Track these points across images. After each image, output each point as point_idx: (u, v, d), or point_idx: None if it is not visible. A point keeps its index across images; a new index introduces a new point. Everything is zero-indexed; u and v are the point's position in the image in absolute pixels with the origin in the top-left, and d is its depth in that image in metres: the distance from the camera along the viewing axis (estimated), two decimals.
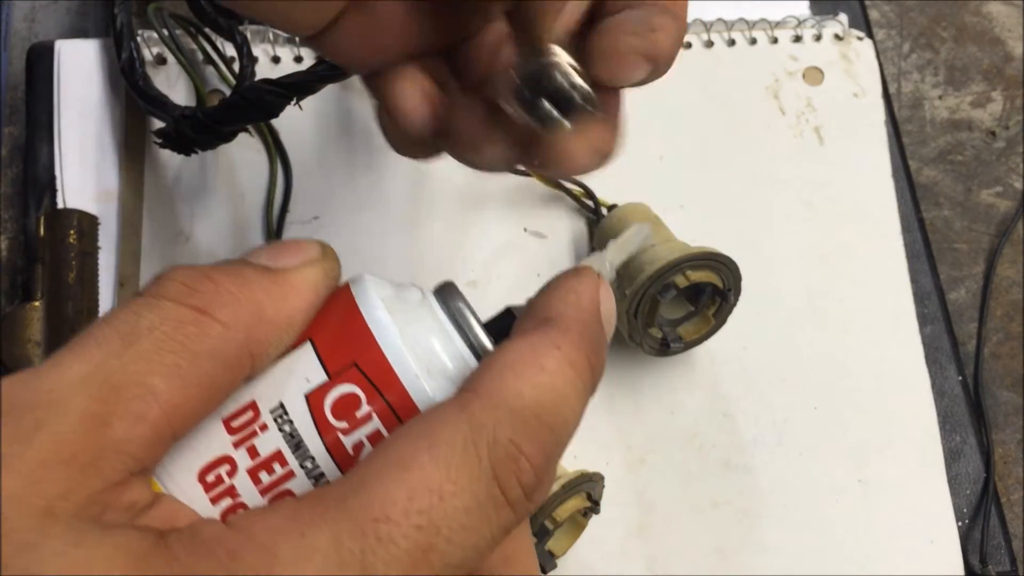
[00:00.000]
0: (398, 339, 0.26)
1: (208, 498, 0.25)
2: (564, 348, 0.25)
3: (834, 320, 0.50)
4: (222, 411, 0.26)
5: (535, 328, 0.26)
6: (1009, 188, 0.56)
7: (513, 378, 0.24)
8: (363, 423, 0.25)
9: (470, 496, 0.23)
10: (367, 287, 0.27)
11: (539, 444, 0.24)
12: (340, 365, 0.26)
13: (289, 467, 0.25)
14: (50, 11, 0.55)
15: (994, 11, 0.60)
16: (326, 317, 0.27)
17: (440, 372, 0.26)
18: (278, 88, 0.43)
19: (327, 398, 0.25)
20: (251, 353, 0.25)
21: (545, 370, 0.25)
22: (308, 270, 0.27)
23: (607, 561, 0.46)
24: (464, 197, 0.51)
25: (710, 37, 0.55)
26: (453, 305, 0.28)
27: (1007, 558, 0.48)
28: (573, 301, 0.27)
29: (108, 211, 0.49)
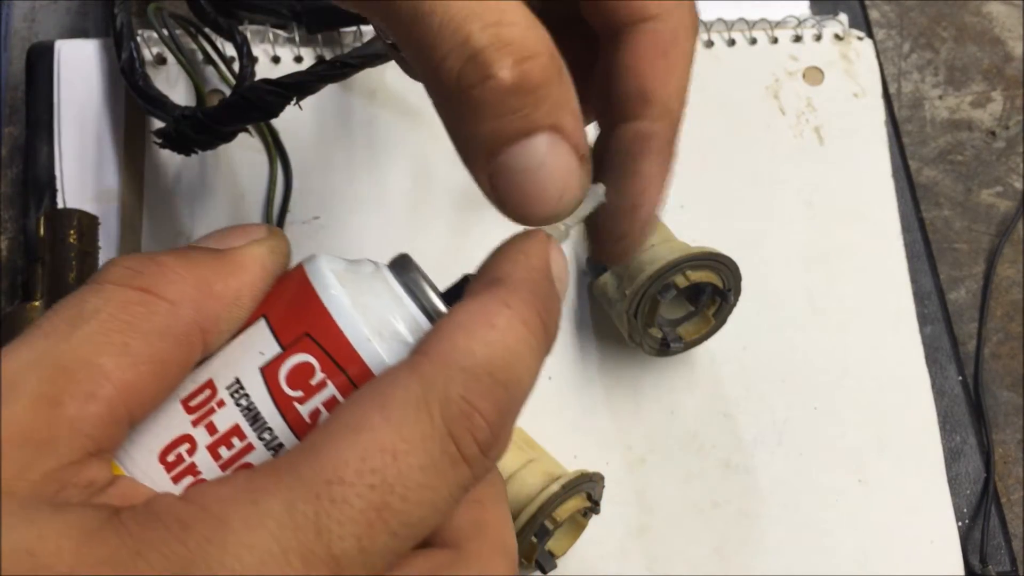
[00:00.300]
0: (349, 306, 0.26)
1: (170, 477, 0.26)
2: (514, 306, 0.25)
3: (834, 320, 0.50)
4: (180, 392, 0.26)
5: (484, 288, 0.26)
6: (1009, 188, 0.56)
7: (464, 337, 0.24)
8: (318, 390, 0.26)
9: (424, 454, 0.23)
10: (319, 262, 0.27)
11: (493, 400, 0.24)
12: (293, 336, 0.26)
13: (248, 440, 0.26)
14: (50, 11, 0.55)
15: (994, 11, 0.60)
16: (279, 294, 0.27)
17: (393, 336, 0.26)
18: (278, 88, 0.43)
19: (282, 369, 0.26)
20: (202, 329, 0.26)
21: (495, 327, 0.25)
22: (254, 247, 0.27)
23: (607, 561, 0.46)
24: (464, 197, 0.51)
25: (710, 37, 0.55)
26: (407, 275, 0.28)
27: (1007, 558, 0.48)
28: (522, 261, 0.27)
29: (108, 211, 0.49)
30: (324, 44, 0.52)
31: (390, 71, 0.52)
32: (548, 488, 0.41)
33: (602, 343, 0.49)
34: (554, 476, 0.42)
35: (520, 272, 0.27)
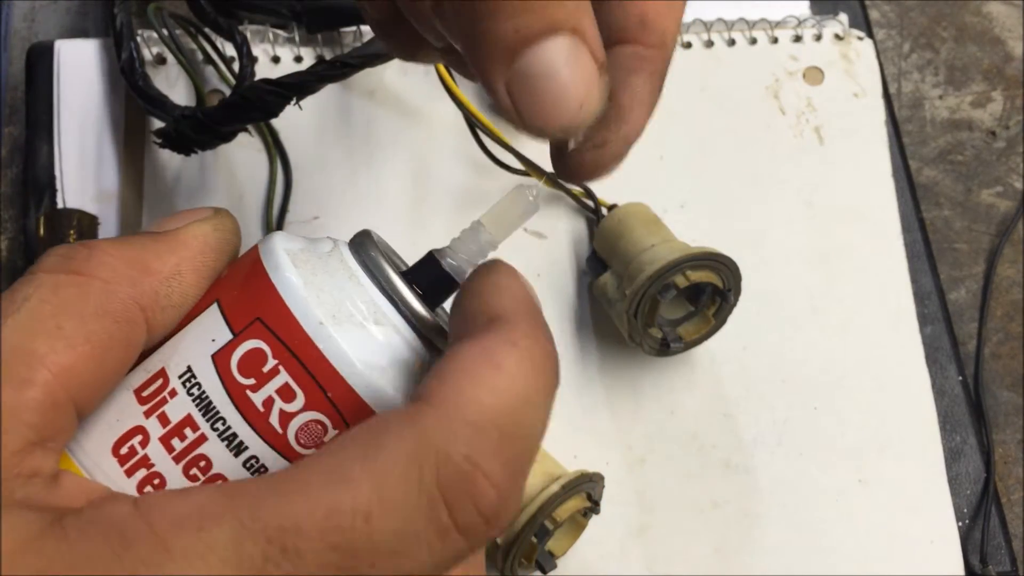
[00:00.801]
0: (300, 288, 0.25)
1: (123, 471, 0.25)
2: (521, 343, 0.24)
3: (834, 320, 0.50)
4: (133, 382, 0.26)
5: (485, 327, 0.24)
6: (1009, 188, 0.56)
7: (469, 384, 0.22)
8: (271, 377, 0.25)
9: (403, 520, 0.21)
10: (273, 242, 0.26)
11: (502, 460, 0.22)
12: (244, 322, 0.25)
13: (201, 431, 0.25)
14: (50, 11, 0.55)
15: (994, 11, 0.60)
16: (232, 278, 0.26)
17: (347, 318, 0.25)
18: (278, 88, 0.43)
19: (233, 356, 0.25)
20: (141, 306, 0.25)
21: (503, 370, 0.23)
22: (195, 226, 0.26)
23: (607, 561, 0.46)
24: (464, 197, 0.51)
25: (710, 37, 0.55)
26: (365, 253, 0.26)
27: (1007, 558, 0.48)
28: (509, 295, 0.25)
29: (108, 211, 0.49)
30: (324, 44, 0.52)
31: (390, 71, 0.52)
32: (548, 488, 0.41)
33: (602, 343, 0.49)
34: (554, 476, 0.42)
35: (516, 305, 0.25)
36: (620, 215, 0.48)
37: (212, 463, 0.25)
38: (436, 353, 0.27)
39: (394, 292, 0.26)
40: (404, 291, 0.26)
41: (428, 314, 0.26)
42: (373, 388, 0.25)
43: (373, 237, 0.27)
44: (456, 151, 0.51)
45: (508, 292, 0.26)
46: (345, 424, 0.25)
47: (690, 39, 0.55)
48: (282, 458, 0.25)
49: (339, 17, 0.51)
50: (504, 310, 0.25)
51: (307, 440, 0.25)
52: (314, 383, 0.24)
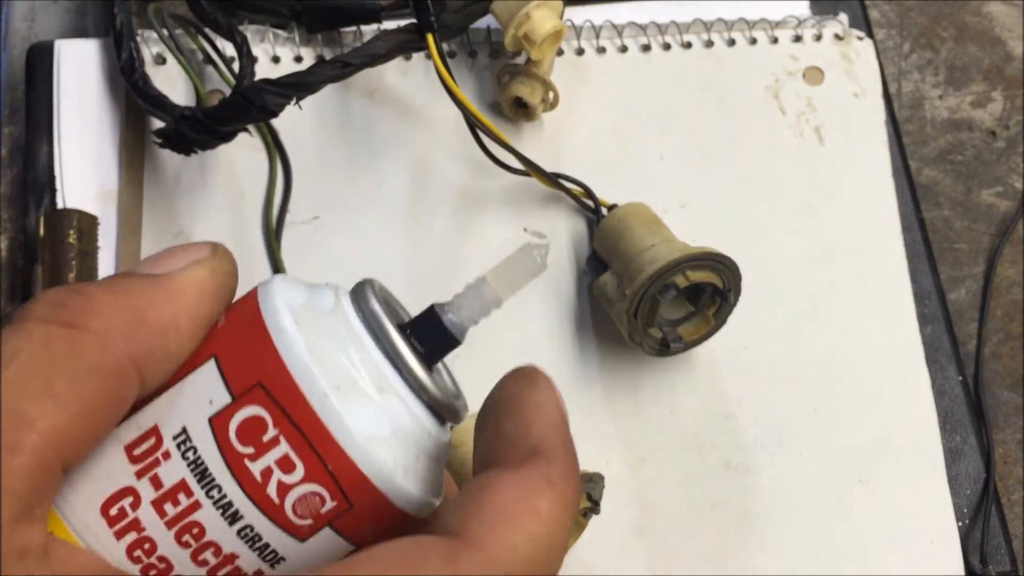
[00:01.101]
0: (304, 354, 0.24)
1: (112, 532, 0.24)
2: (557, 483, 0.23)
3: (834, 320, 0.50)
4: (123, 437, 0.24)
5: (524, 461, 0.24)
6: (1009, 188, 0.56)
7: (507, 527, 0.22)
8: (270, 448, 0.24)
9: None
10: (273, 294, 0.25)
11: None
12: (244, 385, 0.24)
13: (195, 497, 0.24)
14: (50, 11, 0.55)
15: (994, 11, 0.60)
16: (230, 330, 0.25)
17: (351, 387, 0.24)
18: (278, 88, 0.43)
19: (232, 422, 0.24)
20: (135, 361, 0.24)
21: (540, 516, 0.23)
22: (192, 269, 0.25)
23: (607, 561, 0.46)
24: (464, 197, 0.51)
25: (710, 37, 0.55)
26: (368, 309, 0.26)
27: (1007, 558, 0.48)
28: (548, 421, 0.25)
29: (108, 211, 0.49)
30: (324, 44, 0.52)
31: (390, 71, 0.52)
32: None
33: (602, 343, 0.49)
34: None
35: (555, 436, 0.25)
36: (620, 215, 0.48)
37: (205, 531, 0.24)
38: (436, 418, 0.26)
39: (398, 358, 0.25)
40: (408, 357, 0.26)
41: (431, 382, 0.26)
42: (373, 461, 0.24)
43: (375, 289, 0.26)
44: (456, 151, 0.51)
45: (547, 417, 0.25)
46: (342, 494, 0.24)
47: (690, 39, 0.55)
48: (278, 528, 0.24)
49: (339, 17, 0.51)
50: (543, 441, 0.24)
51: (303, 511, 0.24)
52: (315, 456, 0.24)
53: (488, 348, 0.49)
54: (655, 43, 0.54)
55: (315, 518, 0.24)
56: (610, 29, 0.54)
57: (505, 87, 0.51)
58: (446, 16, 0.48)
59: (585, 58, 0.54)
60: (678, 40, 0.55)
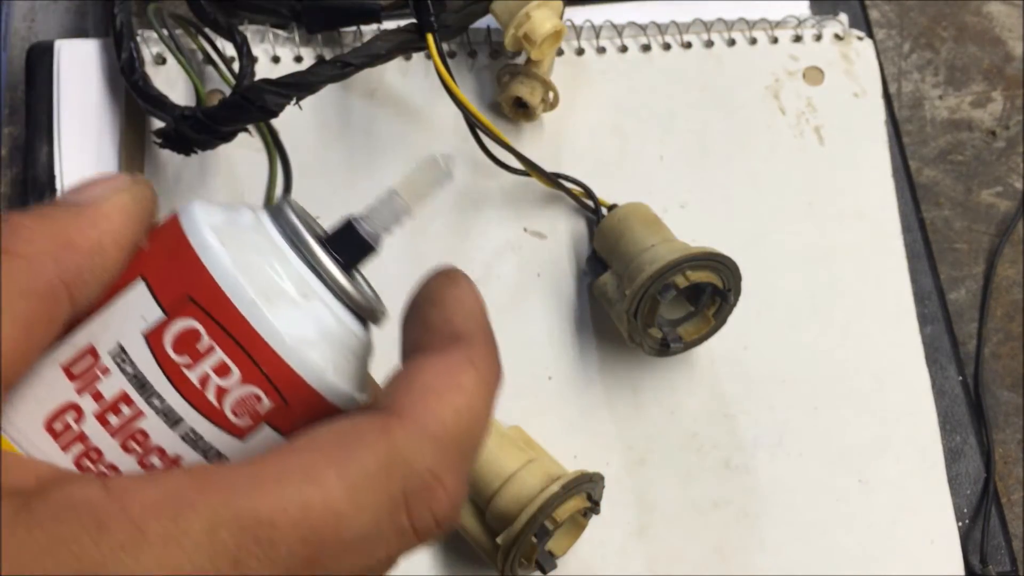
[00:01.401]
0: (230, 266, 0.26)
1: (58, 446, 0.25)
2: (478, 363, 0.26)
3: (834, 320, 0.50)
4: (58, 356, 0.26)
5: (447, 345, 0.26)
6: (1009, 188, 0.56)
7: (434, 401, 0.25)
8: (206, 355, 0.25)
9: (370, 523, 0.23)
10: (195, 215, 0.27)
11: (457, 472, 0.24)
12: (175, 300, 0.26)
13: (137, 407, 0.25)
14: (50, 11, 0.55)
15: (994, 11, 0.60)
16: (156, 252, 0.27)
17: (279, 295, 0.26)
18: (278, 88, 0.43)
19: (166, 335, 0.25)
20: (65, 283, 0.25)
21: (464, 390, 0.25)
22: (115, 196, 0.26)
23: (607, 561, 0.46)
24: (464, 197, 0.51)
25: (710, 37, 0.55)
26: (287, 223, 0.27)
27: (1007, 558, 0.48)
28: (469, 312, 0.27)
29: None
30: (324, 44, 0.52)
31: (390, 71, 0.52)
32: (548, 488, 0.41)
33: (602, 343, 0.49)
34: (554, 476, 0.42)
35: (476, 324, 0.27)
36: (620, 215, 0.48)
37: (150, 437, 0.26)
38: (359, 320, 0.28)
39: (319, 266, 0.27)
40: (329, 264, 0.27)
41: (351, 286, 0.28)
42: (304, 360, 0.26)
43: (292, 205, 0.28)
44: (456, 151, 0.51)
45: (468, 308, 0.27)
46: (278, 393, 0.26)
47: (690, 39, 0.55)
48: (218, 428, 0.26)
49: (339, 17, 0.51)
50: (464, 328, 0.27)
51: (242, 411, 0.26)
52: (249, 360, 0.26)
53: None
54: (655, 43, 0.54)
55: (253, 417, 0.26)
56: (610, 29, 0.54)
57: (505, 87, 0.51)
58: (446, 16, 0.48)
59: (585, 58, 0.54)
60: (678, 40, 0.55)
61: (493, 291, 0.50)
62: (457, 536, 0.44)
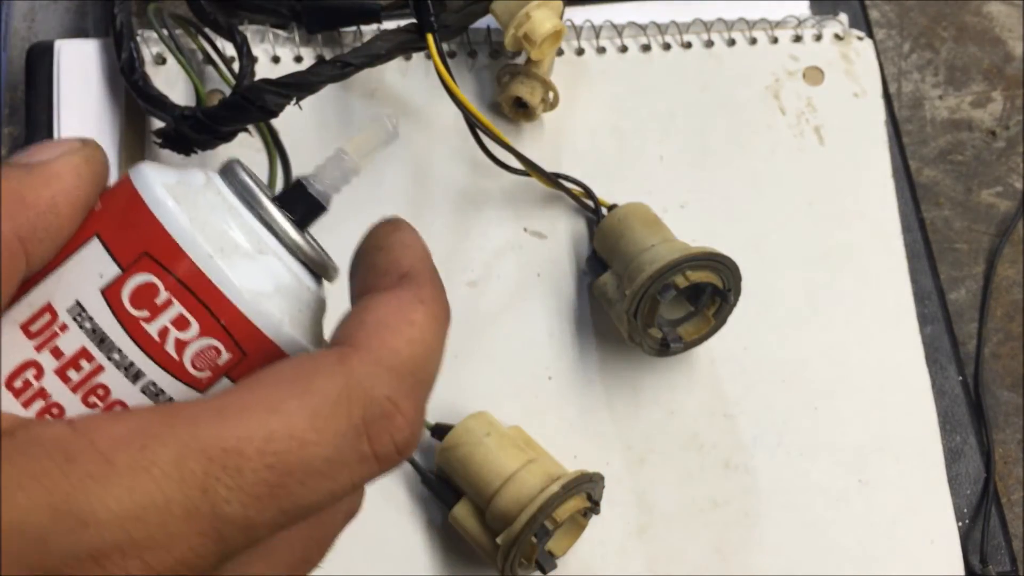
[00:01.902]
0: (186, 222, 0.26)
1: (20, 403, 0.26)
2: (427, 300, 0.27)
3: (834, 320, 0.50)
4: (17, 317, 0.26)
5: (397, 284, 0.27)
6: (1009, 188, 0.56)
7: (388, 334, 0.25)
8: (164, 309, 0.26)
9: (333, 448, 0.24)
10: (147, 175, 0.27)
11: (414, 400, 0.25)
12: (131, 256, 0.26)
13: (97, 362, 0.26)
14: (50, 11, 0.55)
15: (994, 11, 0.60)
16: (110, 210, 0.27)
17: (234, 249, 0.26)
18: (278, 88, 0.43)
19: (124, 290, 0.26)
20: (20, 239, 0.25)
21: (415, 324, 0.26)
22: (66, 157, 0.27)
23: (607, 561, 0.46)
24: (464, 197, 0.51)
25: (710, 37, 0.55)
26: (239, 182, 0.28)
27: (1007, 558, 0.48)
28: (415, 254, 0.28)
29: None
30: (324, 44, 0.52)
31: (390, 71, 0.52)
32: (548, 488, 0.41)
33: (602, 343, 0.49)
34: (554, 476, 0.42)
35: (420, 264, 0.28)
36: (620, 215, 0.48)
37: (111, 391, 0.26)
38: (312, 275, 0.29)
39: (272, 221, 0.28)
40: (281, 220, 0.28)
41: (304, 241, 0.28)
42: (262, 312, 0.27)
43: (243, 166, 0.28)
44: (456, 151, 0.51)
45: (413, 251, 0.29)
46: (236, 345, 0.26)
47: (690, 39, 0.55)
48: (178, 381, 0.26)
49: (339, 17, 0.51)
50: (412, 268, 0.28)
51: (202, 364, 0.26)
52: (208, 312, 0.26)
53: (489, 348, 0.49)
54: (655, 43, 0.54)
55: (212, 370, 0.26)
56: (610, 29, 0.54)
57: (505, 87, 0.51)
58: (446, 16, 0.48)
59: (585, 58, 0.54)
60: (678, 40, 0.55)
61: (493, 291, 0.50)
62: (457, 536, 0.45)
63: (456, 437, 0.44)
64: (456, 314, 0.50)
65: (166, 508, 0.22)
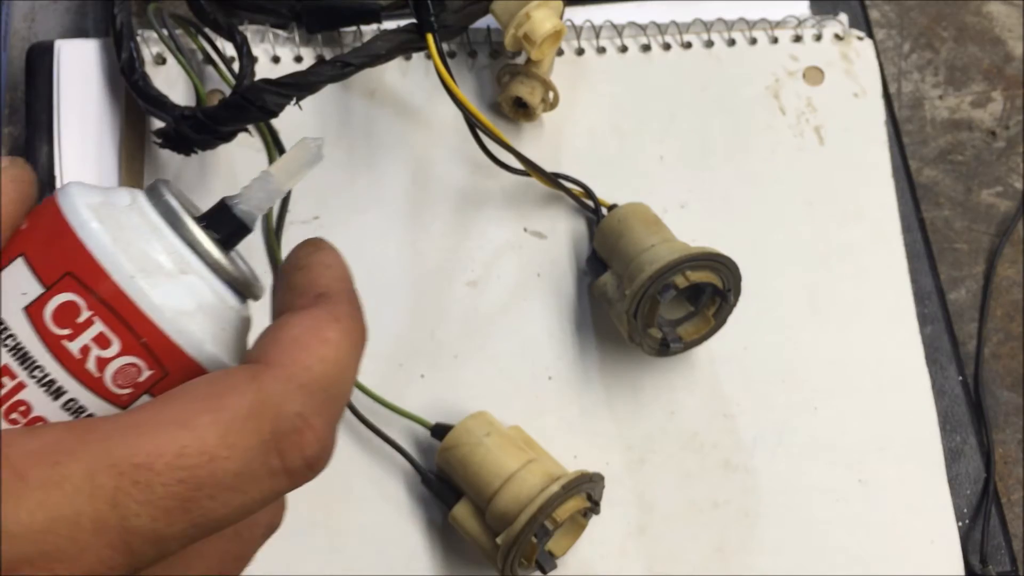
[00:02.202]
0: (108, 243, 0.26)
1: None
2: (342, 319, 0.27)
3: (834, 320, 0.50)
4: None
5: (313, 303, 0.27)
6: (1009, 188, 0.56)
7: (301, 351, 0.26)
8: (86, 328, 0.26)
9: (242, 463, 0.24)
10: (72, 195, 0.28)
11: (326, 416, 0.26)
12: (55, 276, 0.26)
13: (19, 379, 0.26)
14: (50, 11, 0.55)
15: (994, 11, 0.60)
16: (35, 230, 0.27)
17: (156, 269, 0.27)
18: (278, 88, 0.43)
19: (46, 308, 0.26)
20: None
21: (329, 343, 0.26)
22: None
23: (607, 561, 0.46)
24: (464, 197, 0.51)
25: (710, 37, 0.55)
26: (163, 203, 0.28)
27: (1007, 558, 0.48)
28: (333, 275, 0.29)
29: None
30: (324, 44, 0.52)
31: (390, 71, 0.52)
32: (548, 488, 0.41)
33: (602, 343, 0.49)
34: (554, 476, 0.42)
35: (339, 284, 0.28)
36: (620, 215, 0.48)
37: (32, 407, 0.26)
38: (236, 294, 0.29)
39: (195, 242, 0.28)
40: (205, 241, 0.28)
41: (227, 261, 0.29)
42: (183, 331, 0.27)
43: (169, 186, 0.29)
44: (456, 151, 0.51)
45: (332, 271, 0.29)
46: (158, 363, 0.27)
47: (690, 39, 0.55)
48: (100, 398, 0.27)
49: (339, 17, 0.51)
50: (329, 288, 0.28)
51: (122, 382, 0.27)
52: (129, 331, 0.26)
53: (489, 348, 0.49)
54: (655, 43, 0.54)
55: (134, 387, 0.27)
56: (610, 29, 0.54)
57: (505, 87, 0.51)
58: (446, 16, 0.48)
59: (585, 58, 0.54)
60: (678, 40, 0.55)
61: (493, 291, 0.50)
62: (457, 536, 0.45)
63: (456, 437, 0.44)
64: (456, 314, 0.51)
65: (76, 521, 0.22)
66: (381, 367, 0.47)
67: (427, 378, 0.48)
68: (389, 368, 0.48)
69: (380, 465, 0.46)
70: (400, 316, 0.49)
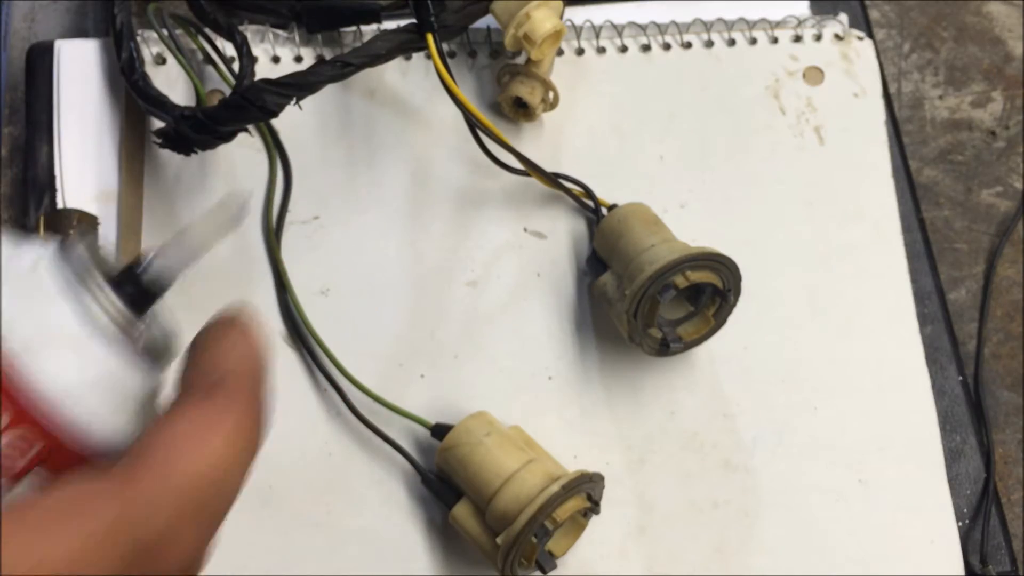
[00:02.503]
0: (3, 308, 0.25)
1: None
2: (235, 414, 0.25)
3: (834, 320, 0.50)
4: None
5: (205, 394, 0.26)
6: (1009, 188, 0.56)
7: (179, 456, 0.24)
8: None
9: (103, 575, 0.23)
10: None
11: (195, 526, 0.24)
12: None
13: None
14: (50, 11, 0.55)
15: (994, 11, 0.60)
16: None
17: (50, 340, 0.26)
18: (278, 88, 0.43)
19: None
20: None
21: (212, 446, 0.25)
22: None
23: (607, 561, 0.46)
24: (464, 197, 0.51)
25: (710, 37, 0.55)
26: (72, 265, 0.27)
27: (1007, 558, 0.48)
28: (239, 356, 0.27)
29: (108, 211, 0.49)
30: (324, 44, 0.52)
31: (390, 71, 0.52)
32: (548, 488, 0.41)
33: (602, 343, 0.49)
34: (554, 476, 0.42)
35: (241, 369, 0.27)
36: (620, 215, 0.48)
37: None
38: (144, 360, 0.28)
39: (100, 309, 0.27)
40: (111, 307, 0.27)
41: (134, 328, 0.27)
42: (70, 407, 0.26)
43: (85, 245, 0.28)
44: (456, 151, 0.51)
45: (237, 354, 0.27)
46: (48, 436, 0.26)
47: (690, 39, 0.55)
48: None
49: (339, 17, 0.51)
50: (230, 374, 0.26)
51: (14, 453, 0.26)
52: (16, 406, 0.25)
53: (489, 348, 0.49)
54: (655, 43, 0.54)
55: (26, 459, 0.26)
56: (610, 29, 0.54)
57: (505, 87, 0.51)
58: (446, 16, 0.48)
59: (585, 58, 0.54)
60: (678, 40, 0.55)
61: (493, 291, 0.50)
62: (457, 536, 0.45)
63: (456, 437, 0.44)
64: (456, 314, 0.51)
65: None
66: (381, 367, 0.47)
67: (427, 378, 0.48)
68: (389, 368, 0.48)
69: (380, 465, 0.46)
70: (400, 316, 0.49)
